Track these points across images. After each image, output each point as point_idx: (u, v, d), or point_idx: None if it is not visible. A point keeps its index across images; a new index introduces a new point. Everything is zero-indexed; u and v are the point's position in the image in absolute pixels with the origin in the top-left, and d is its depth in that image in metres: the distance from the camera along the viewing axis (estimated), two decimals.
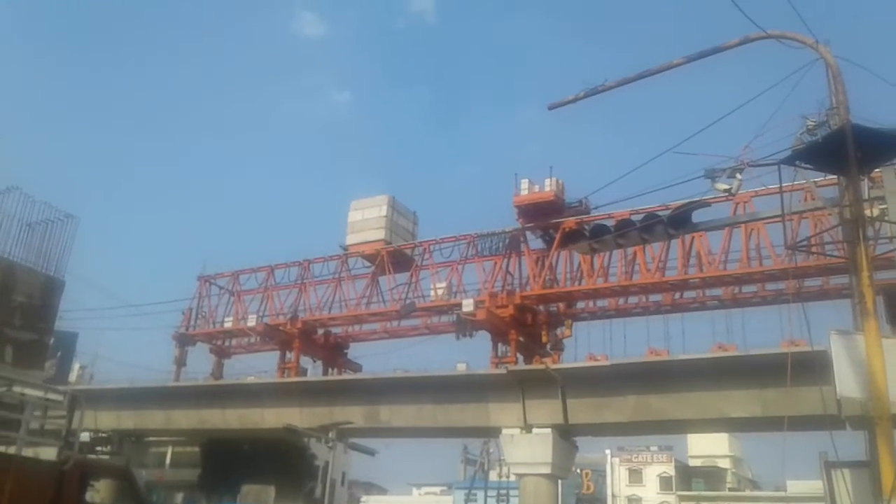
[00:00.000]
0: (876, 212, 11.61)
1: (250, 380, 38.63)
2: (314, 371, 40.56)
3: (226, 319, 41.65)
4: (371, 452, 44.41)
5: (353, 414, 33.76)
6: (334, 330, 40.58)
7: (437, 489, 72.74)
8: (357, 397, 34.34)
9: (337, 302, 38.92)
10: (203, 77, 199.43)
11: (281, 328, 38.70)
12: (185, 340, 43.19)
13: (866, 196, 11.33)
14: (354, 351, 41.54)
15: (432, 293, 35.80)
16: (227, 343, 43.65)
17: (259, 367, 41.13)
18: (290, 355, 38.87)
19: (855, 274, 10.14)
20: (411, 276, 37.35)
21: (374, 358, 46.20)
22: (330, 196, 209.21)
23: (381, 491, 76.92)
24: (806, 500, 53.12)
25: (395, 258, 38.17)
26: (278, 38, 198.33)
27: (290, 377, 38.00)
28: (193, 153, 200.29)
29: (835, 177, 11.91)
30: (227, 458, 39.84)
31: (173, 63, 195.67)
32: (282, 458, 39.41)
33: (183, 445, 47.12)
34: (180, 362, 42.80)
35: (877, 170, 11.64)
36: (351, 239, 39.68)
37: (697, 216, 19.84)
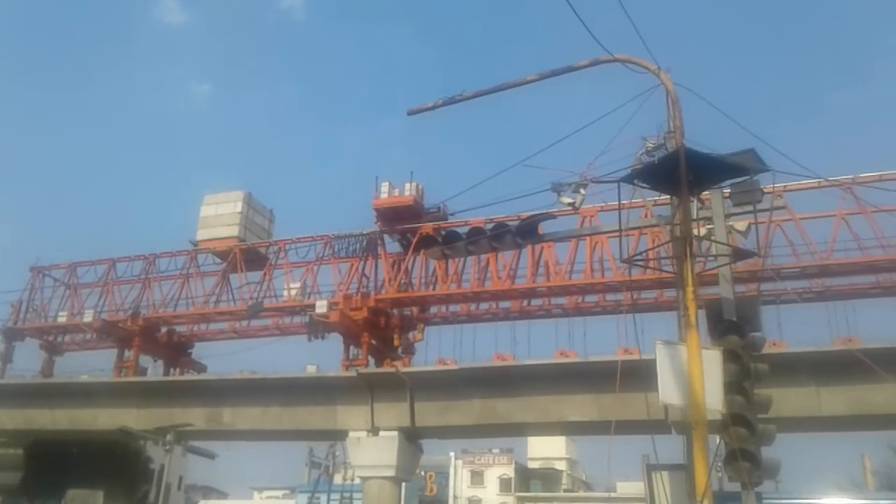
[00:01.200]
0: (703, 231, 12.51)
1: (83, 378, 36.34)
2: (154, 371, 38.72)
3: (59, 314, 39.04)
4: (210, 456, 42.94)
5: (195, 416, 32.56)
6: (179, 328, 38.92)
7: (280, 493, 71.29)
8: (199, 399, 33.18)
9: (183, 299, 37.38)
10: (51, 62, 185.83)
11: (120, 325, 36.67)
12: (12, 335, 40.07)
13: (696, 216, 12.17)
14: (200, 351, 40.04)
15: (285, 293, 35.10)
16: (59, 339, 40.89)
17: (95, 365, 38.73)
18: (129, 354, 36.92)
19: (681, 288, 10.86)
20: (264, 275, 36.47)
21: (221, 358, 44.69)
22: (183, 190, 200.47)
23: (221, 495, 74.47)
24: (633, 501, 56.47)
25: (249, 256, 37.13)
26: (136, 23, 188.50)
27: (127, 376, 36.08)
28: (36, 139, 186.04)
29: (669, 196, 12.67)
30: (54, 461, 37.26)
31: (24, 43, 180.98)
32: (114, 461, 37.26)
33: (6, 447, 43.54)
34: (6, 358, 39.70)
35: (706, 192, 12.52)
36: (202, 234, 38.22)
37: (547, 227, 20.72)
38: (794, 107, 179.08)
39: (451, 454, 67.52)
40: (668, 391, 10.19)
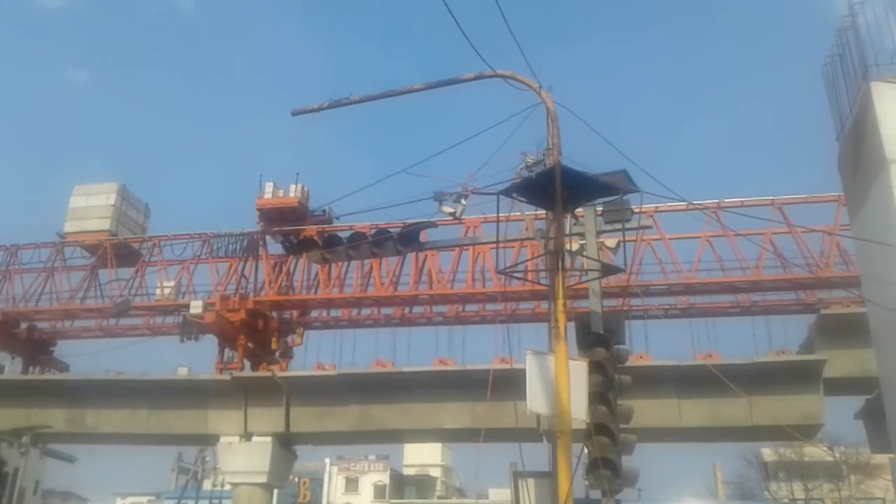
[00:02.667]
0: (576, 246, 12.97)
1: None
2: (12, 368, 36.28)
3: None
4: (70, 460, 40.63)
5: (55, 417, 30.91)
6: (40, 324, 36.66)
7: (145, 499, 68.32)
8: (60, 399, 31.50)
9: (47, 294, 35.30)
10: None
11: None
12: None
13: (569, 231, 12.61)
14: (64, 349, 37.85)
15: (158, 292, 33.83)
16: None
17: None
18: None
19: (553, 300, 11.21)
20: (137, 271, 34.99)
21: (86, 357, 42.34)
22: (54, 181, 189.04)
23: (81, 500, 70.77)
24: None
25: (120, 251, 35.52)
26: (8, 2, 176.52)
27: None
28: None
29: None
30: None
31: None
32: None
33: None
34: None
35: (580, 209, 13.00)
36: (70, 226, 36.27)
37: (431, 236, 20.90)
38: (667, 132, 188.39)
39: (327, 460, 66.79)
40: (535, 400, 10.46)
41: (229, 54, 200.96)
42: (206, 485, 45.70)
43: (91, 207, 36.42)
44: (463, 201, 12.88)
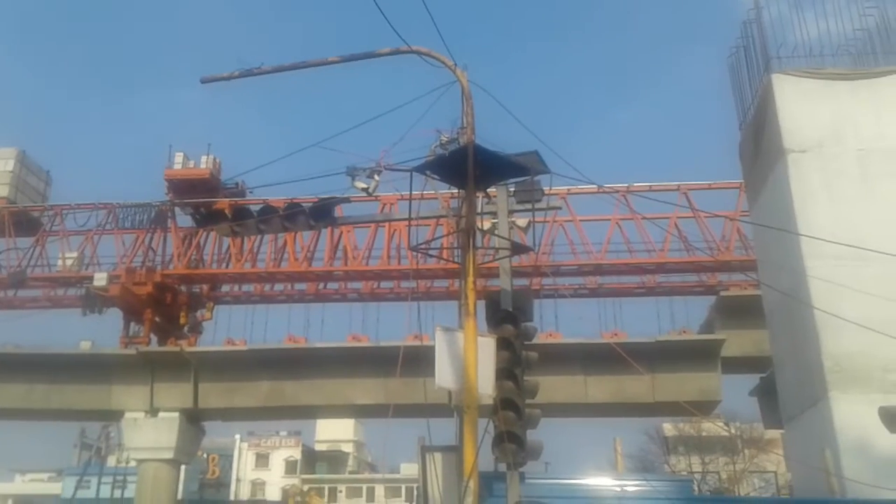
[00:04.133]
0: (488, 225, 13.12)
1: None
2: None
3: None
4: None
5: None
6: None
7: (45, 475, 65.99)
8: None
9: None
10: None
11: None
12: None
13: (481, 210, 12.75)
14: None
15: (60, 263, 32.52)
16: None
17: None
18: None
19: (463, 278, 11.34)
20: (37, 241, 33.46)
21: None
22: None
23: None
24: (414, 482, 58.17)
25: (19, 219, 33.86)
26: None
27: None
28: None
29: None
30: None
31: None
32: None
33: None
34: None
35: (492, 188, 13.14)
36: None
37: (347, 211, 20.74)
38: (582, 118, 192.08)
39: (237, 436, 65.97)
40: (444, 375, 10.60)
41: (137, 20, 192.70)
42: (111, 461, 44.42)
43: None
44: (376, 177, 12.82)
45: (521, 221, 13.19)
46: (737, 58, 16.69)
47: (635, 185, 28.85)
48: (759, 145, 16.13)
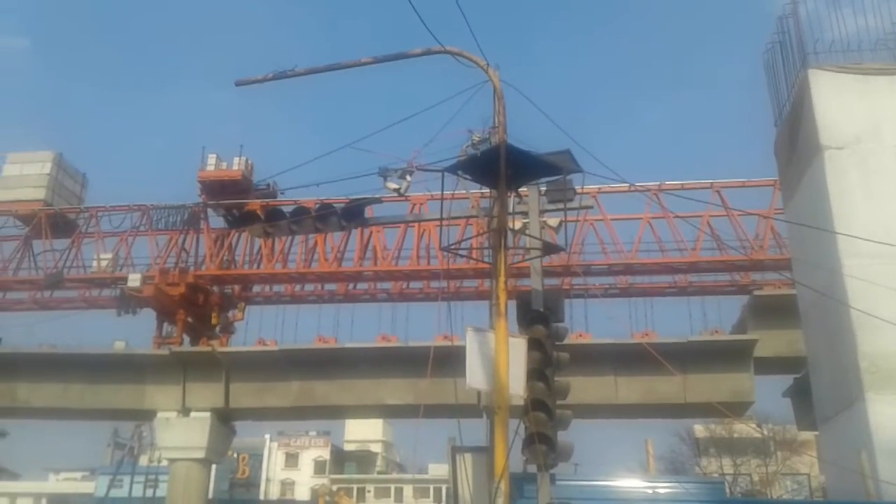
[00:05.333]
0: (519, 225, 13.08)
1: None
2: None
3: None
4: (1, 434, 39.63)
5: None
6: None
7: (79, 474, 67.09)
8: None
9: None
10: None
11: None
12: None
13: (512, 210, 12.70)
14: None
15: (95, 264, 33.03)
16: None
17: None
18: None
19: (494, 278, 11.31)
20: (73, 243, 34.03)
21: (18, 330, 41.09)
22: None
23: (13, 476, 69.31)
24: (443, 482, 58.23)
25: (56, 221, 34.45)
26: None
27: None
28: None
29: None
30: None
31: None
32: None
33: None
34: None
35: (524, 187, 13.10)
36: (2, 195, 35.00)
37: (377, 212, 20.79)
38: (614, 116, 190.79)
39: (267, 436, 66.47)
40: (475, 376, 10.58)
41: (172, 24, 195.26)
42: (143, 460, 45.00)
43: (25, 176, 35.26)
44: (408, 177, 12.85)
45: (553, 221, 13.12)
46: (772, 54, 16.42)
47: (667, 183, 28.54)
48: (795, 142, 15.87)
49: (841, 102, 14.53)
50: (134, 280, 30.60)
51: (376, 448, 75.41)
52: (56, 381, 30.37)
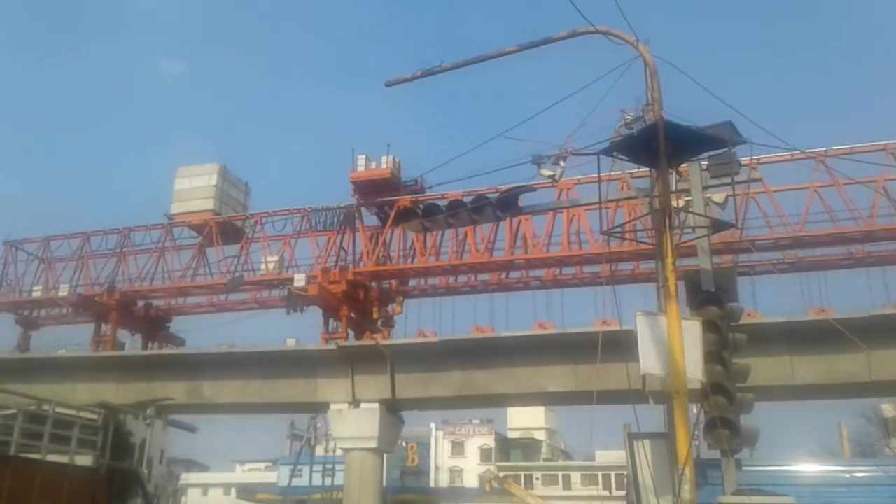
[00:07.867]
0: (682, 203, 12.62)
1: (61, 353, 36.02)
2: (133, 345, 38.45)
3: (34, 288, 38.68)
4: (192, 429, 42.88)
5: (175, 390, 32.39)
6: (156, 302, 38.67)
7: (262, 465, 71.61)
8: (179, 373, 33.02)
9: (160, 273, 37.20)
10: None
11: (96, 299, 36.37)
12: None
13: (674, 188, 12.27)
14: (178, 325, 39.83)
15: (263, 267, 35.05)
16: (35, 314, 40.46)
17: (72, 339, 38.42)
18: (106, 328, 36.66)
19: (661, 260, 10.99)
20: (241, 248, 36.32)
21: (200, 332, 44.45)
22: (159, 165, 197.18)
23: (203, 468, 74.82)
24: (611, 469, 57.36)
25: (225, 229, 36.93)
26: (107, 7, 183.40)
27: (105, 351, 35.83)
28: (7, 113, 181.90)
29: (648, 168, 12.74)
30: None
31: None
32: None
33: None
34: None
35: (684, 164, 12.62)
36: (176, 208, 37.95)
37: (526, 200, 20.75)
38: (771, 72, 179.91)
39: (432, 425, 68.03)
40: (648, 361, 10.32)
41: (313, 28, 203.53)
42: (319, 450, 47.36)
43: (194, 189, 37.96)
44: (562, 163, 12.72)
45: (718, 197, 12.58)
46: None
47: (834, 148, 26.62)
48: None
49: None
50: (299, 280, 32.24)
51: (540, 435, 75.36)
52: (236, 378, 32.37)
